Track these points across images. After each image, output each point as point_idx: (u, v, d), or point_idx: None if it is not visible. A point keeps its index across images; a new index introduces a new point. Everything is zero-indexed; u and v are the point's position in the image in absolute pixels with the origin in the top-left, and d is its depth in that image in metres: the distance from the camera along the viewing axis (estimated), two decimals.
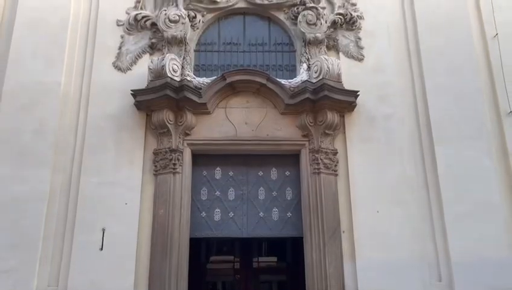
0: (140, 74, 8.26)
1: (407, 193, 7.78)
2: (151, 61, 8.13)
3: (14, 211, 7.34)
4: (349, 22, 8.85)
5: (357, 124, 8.18)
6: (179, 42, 8.50)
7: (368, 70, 8.53)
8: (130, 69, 8.41)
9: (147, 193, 7.72)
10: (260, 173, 8.25)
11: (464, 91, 8.26)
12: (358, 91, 8.02)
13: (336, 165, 7.95)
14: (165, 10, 8.68)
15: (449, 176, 7.75)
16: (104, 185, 7.60)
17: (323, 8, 8.91)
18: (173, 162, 7.74)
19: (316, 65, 8.21)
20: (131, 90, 7.86)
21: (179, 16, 8.61)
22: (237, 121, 8.15)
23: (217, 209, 8.03)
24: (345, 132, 8.17)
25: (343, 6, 8.99)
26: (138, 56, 8.51)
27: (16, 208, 7.35)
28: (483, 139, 8.00)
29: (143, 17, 8.72)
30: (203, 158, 8.19)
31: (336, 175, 7.92)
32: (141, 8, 8.85)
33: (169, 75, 7.79)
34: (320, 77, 7.96)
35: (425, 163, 7.98)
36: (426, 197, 7.81)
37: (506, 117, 8.20)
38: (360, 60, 8.64)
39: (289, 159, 8.27)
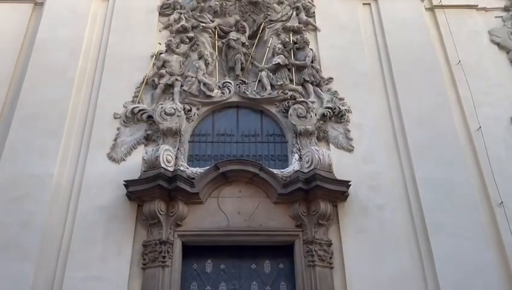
0: (134, 165, 8.33)
1: (405, 287, 7.45)
2: (146, 152, 8.27)
3: None
4: (337, 115, 9.21)
5: (350, 214, 8.11)
6: (173, 134, 8.71)
7: (358, 161, 8.69)
8: (124, 160, 8.49)
9: (134, 288, 7.33)
10: (253, 266, 7.95)
11: (454, 182, 8.37)
12: (349, 181, 8.10)
13: (331, 257, 7.72)
14: (162, 104, 9.03)
15: (447, 269, 7.51)
16: (89, 280, 7.23)
17: (313, 102, 9.34)
18: (162, 254, 7.48)
19: (307, 156, 8.38)
20: (124, 181, 7.86)
21: (174, 109, 8.95)
22: (230, 211, 8.06)
23: None
24: (338, 222, 8.06)
25: (332, 101, 9.43)
26: (133, 147, 8.65)
27: None
28: (478, 231, 7.91)
29: (140, 110, 9.03)
30: (194, 250, 7.92)
31: (332, 268, 7.66)
32: (139, 102, 9.20)
33: (163, 165, 7.87)
34: (312, 167, 8.08)
35: (421, 254, 7.78)
36: None
37: (498, 207, 8.23)
38: (350, 150, 8.84)
39: (283, 250, 8.02)
